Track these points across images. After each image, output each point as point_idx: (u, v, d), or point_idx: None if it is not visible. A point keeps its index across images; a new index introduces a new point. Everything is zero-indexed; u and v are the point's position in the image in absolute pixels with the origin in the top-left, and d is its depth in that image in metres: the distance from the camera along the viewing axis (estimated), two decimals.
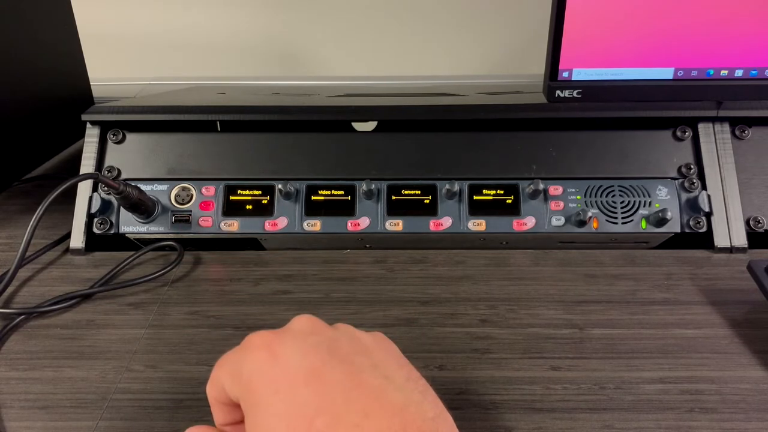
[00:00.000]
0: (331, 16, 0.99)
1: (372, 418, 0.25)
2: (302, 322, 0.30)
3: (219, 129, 0.56)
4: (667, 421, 0.35)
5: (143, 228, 0.53)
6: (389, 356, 0.29)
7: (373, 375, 0.27)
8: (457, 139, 0.55)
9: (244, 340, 0.28)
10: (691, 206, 0.52)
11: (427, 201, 0.53)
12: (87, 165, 0.55)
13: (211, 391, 0.29)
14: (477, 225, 0.52)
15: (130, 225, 0.53)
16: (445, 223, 0.52)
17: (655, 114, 0.53)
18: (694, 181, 0.52)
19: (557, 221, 0.52)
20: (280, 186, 0.52)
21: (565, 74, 0.50)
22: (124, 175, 0.55)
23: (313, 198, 0.53)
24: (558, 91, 0.51)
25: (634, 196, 0.52)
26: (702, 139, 0.54)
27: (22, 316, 0.45)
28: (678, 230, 0.52)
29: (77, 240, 0.53)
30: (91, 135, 0.56)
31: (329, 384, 0.26)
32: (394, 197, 0.53)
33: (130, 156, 0.55)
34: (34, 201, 0.48)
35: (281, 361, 0.27)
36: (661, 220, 0.51)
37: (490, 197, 0.53)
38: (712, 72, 0.50)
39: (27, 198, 0.62)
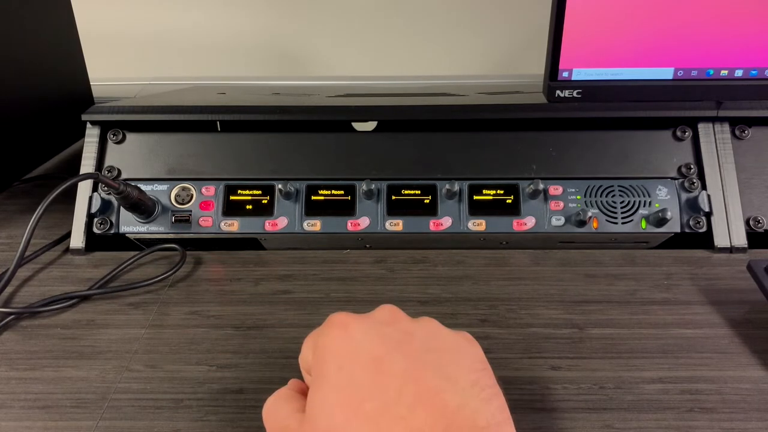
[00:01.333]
0: (331, 16, 0.99)
1: (418, 413, 0.26)
2: (384, 311, 0.32)
3: (219, 129, 0.56)
4: (667, 421, 0.35)
5: (143, 228, 0.53)
6: (462, 358, 0.30)
7: (434, 373, 0.28)
8: (457, 139, 0.55)
9: (329, 317, 0.30)
10: (691, 206, 0.52)
11: (427, 201, 0.53)
12: (87, 165, 0.55)
13: (300, 360, 0.31)
14: (477, 225, 0.52)
15: (130, 225, 0.53)
16: (445, 223, 0.52)
17: (655, 114, 0.53)
18: (694, 181, 0.52)
19: (557, 221, 0.52)
20: (280, 186, 0.52)
21: (565, 74, 0.50)
22: (124, 175, 0.55)
23: (313, 198, 0.53)
24: (558, 91, 0.51)
25: (634, 196, 0.52)
26: (702, 139, 0.54)
27: (22, 316, 0.45)
28: (678, 230, 0.52)
29: (77, 240, 0.53)
30: (91, 135, 0.56)
31: (387, 374, 0.27)
32: (394, 197, 0.53)
33: (130, 156, 0.55)
34: (34, 201, 0.48)
35: (352, 343, 0.28)
36: (661, 220, 0.51)
37: (490, 197, 0.53)
38: (712, 72, 0.50)
39: (27, 198, 0.62)
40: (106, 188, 0.53)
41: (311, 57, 1.04)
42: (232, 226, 0.52)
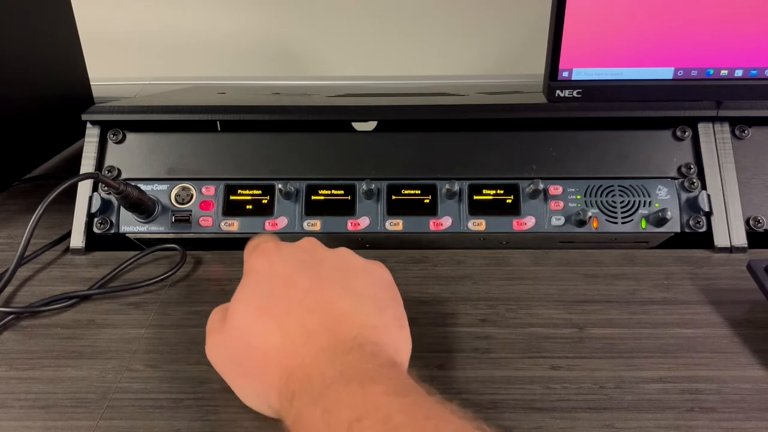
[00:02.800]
0: (331, 17, 0.99)
1: (313, 316, 0.32)
2: (304, 242, 0.39)
3: (219, 129, 0.56)
4: (667, 421, 0.35)
5: (143, 228, 0.53)
6: (366, 277, 0.36)
7: (335, 286, 0.34)
8: (457, 139, 0.55)
9: (259, 242, 0.38)
10: (691, 206, 0.52)
11: (427, 201, 0.53)
12: (87, 165, 0.55)
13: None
14: (477, 225, 0.52)
15: (130, 225, 0.53)
16: (445, 222, 0.52)
17: (655, 114, 0.53)
18: (694, 180, 0.52)
19: (557, 221, 0.52)
20: (280, 186, 0.52)
21: (565, 74, 0.50)
22: (124, 175, 0.55)
23: (313, 198, 0.53)
24: (558, 91, 0.51)
25: (634, 196, 0.52)
26: (702, 139, 0.54)
27: (22, 316, 0.45)
28: (678, 230, 0.52)
29: (77, 240, 0.53)
30: (91, 135, 0.56)
31: (295, 287, 0.34)
32: (394, 197, 0.53)
33: (130, 156, 0.55)
34: (34, 201, 0.48)
35: (271, 267, 0.36)
36: (661, 220, 0.51)
37: (490, 197, 0.53)
38: (712, 72, 0.50)
39: (27, 198, 0.62)
40: (106, 188, 0.53)
41: (311, 57, 1.04)
42: (232, 226, 0.52)
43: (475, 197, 0.52)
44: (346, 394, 0.27)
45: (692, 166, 0.53)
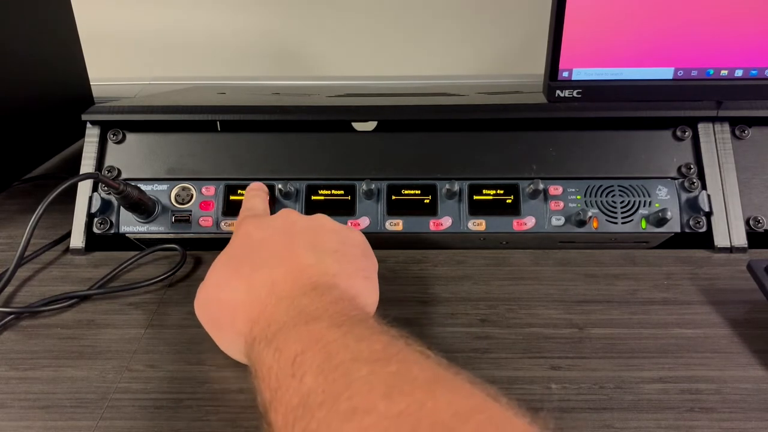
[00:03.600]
0: (331, 17, 0.99)
1: (279, 269, 0.36)
2: (281, 212, 0.42)
3: (219, 129, 0.56)
4: (667, 421, 0.35)
5: (143, 228, 0.53)
6: (334, 236, 0.39)
7: (301, 244, 0.38)
8: (457, 139, 0.55)
9: (245, 217, 0.45)
10: (691, 206, 0.52)
11: (427, 201, 0.53)
12: (87, 165, 0.55)
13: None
14: (477, 225, 0.52)
15: (130, 225, 0.53)
16: (445, 222, 0.52)
17: (655, 114, 0.53)
18: (694, 180, 0.52)
19: (557, 221, 0.52)
20: (280, 186, 0.52)
21: (565, 74, 0.50)
22: (124, 175, 0.55)
23: (313, 198, 0.53)
24: (558, 91, 0.50)
25: (634, 196, 0.52)
26: (702, 139, 0.54)
27: (22, 316, 0.45)
28: (678, 230, 0.52)
29: (77, 240, 0.53)
30: (91, 135, 0.56)
31: (265, 248, 0.38)
32: (394, 197, 0.53)
33: (130, 156, 0.55)
34: (34, 201, 0.48)
35: (247, 238, 0.40)
36: (661, 220, 0.51)
37: (490, 197, 0.53)
38: (712, 72, 0.50)
39: (27, 198, 0.62)
40: (106, 188, 0.53)
41: (311, 57, 1.04)
42: (232, 226, 0.52)
43: (475, 197, 0.52)
44: (294, 332, 0.30)
45: (692, 166, 0.53)
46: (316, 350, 0.28)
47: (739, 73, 0.50)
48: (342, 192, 0.53)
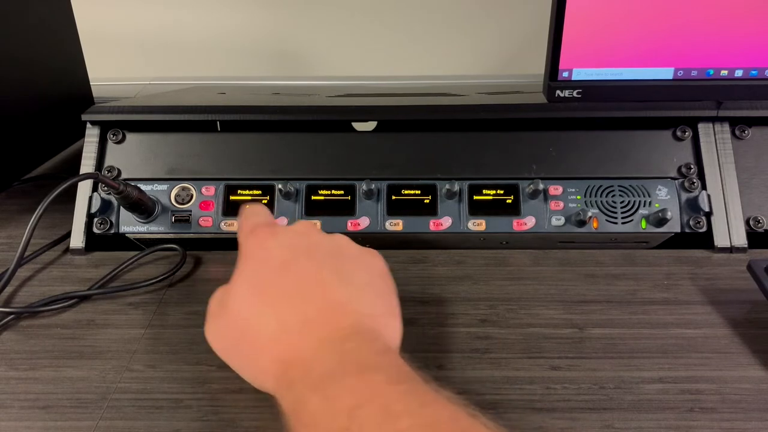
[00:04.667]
0: (331, 16, 0.99)
1: (308, 301, 0.33)
2: (299, 225, 0.39)
3: (219, 129, 0.56)
4: (667, 421, 0.35)
5: (143, 228, 0.53)
6: (361, 265, 0.37)
7: (331, 275, 0.34)
8: (457, 139, 0.54)
9: (254, 225, 0.38)
10: (691, 206, 0.52)
11: (427, 201, 0.53)
12: (87, 165, 0.55)
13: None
14: (477, 225, 0.52)
15: (130, 225, 0.53)
16: (445, 223, 0.52)
17: (655, 114, 0.53)
18: (694, 180, 0.52)
19: (557, 221, 0.52)
20: (280, 186, 0.52)
21: (565, 74, 0.50)
22: (124, 175, 0.55)
23: (313, 198, 0.53)
24: (558, 91, 0.50)
25: (634, 196, 0.52)
26: (702, 139, 0.54)
27: (22, 316, 0.45)
28: (678, 230, 0.52)
29: (77, 240, 0.53)
30: (91, 135, 0.56)
31: (291, 273, 0.34)
32: (394, 197, 0.53)
33: (130, 156, 0.55)
34: (34, 201, 0.48)
35: (267, 252, 0.36)
36: (661, 220, 0.51)
37: (490, 197, 0.52)
38: (712, 72, 0.50)
39: (27, 198, 0.62)
40: (106, 188, 0.53)
41: (311, 57, 1.04)
42: (232, 226, 0.52)
43: (475, 197, 0.52)
44: (346, 381, 0.28)
45: (692, 166, 0.53)
46: (375, 407, 0.27)
47: (739, 73, 0.50)
48: (342, 192, 0.53)
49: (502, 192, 0.53)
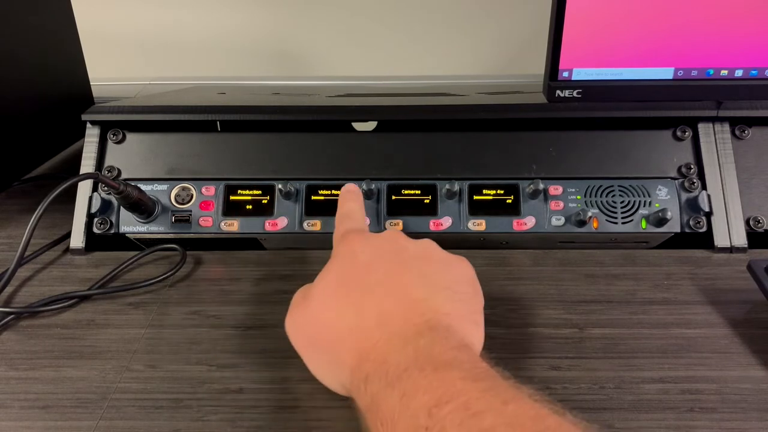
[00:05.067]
0: (331, 16, 0.99)
1: (388, 300, 0.33)
2: (388, 233, 0.40)
3: (219, 129, 0.56)
4: (667, 421, 0.35)
5: (143, 228, 0.53)
6: (446, 270, 0.37)
7: (412, 274, 0.35)
8: (457, 139, 0.55)
9: (347, 231, 0.41)
10: (691, 206, 0.52)
11: (427, 201, 0.53)
12: (87, 165, 0.55)
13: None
14: (477, 225, 0.52)
15: (130, 225, 0.53)
16: (445, 223, 0.52)
17: (655, 114, 0.53)
18: (694, 180, 0.52)
19: (557, 221, 0.52)
20: (280, 186, 0.52)
21: (565, 74, 0.50)
22: (124, 175, 0.55)
23: (314, 198, 0.53)
24: (558, 91, 0.51)
25: (634, 196, 0.52)
26: (702, 139, 0.54)
27: (22, 316, 0.45)
28: (678, 230, 0.52)
29: (77, 240, 0.53)
30: (91, 135, 0.56)
31: (373, 273, 0.35)
32: (394, 197, 0.53)
33: (130, 156, 0.55)
34: (34, 201, 0.48)
35: (354, 257, 0.37)
36: (661, 220, 0.51)
37: (490, 197, 0.53)
38: (712, 72, 0.50)
39: (27, 198, 0.62)
40: (106, 188, 0.53)
41: (311, 57, 1.04)
42: (232, 226, 0.52)
43: (475, 197, 0.52)
44: (422, 378, 0.28)
45: (692, 166, 0.53)
46: (457, 405, 0.26)
47: (739, 73, 0.50)
48: None
49: (502, 192, 0.53)
